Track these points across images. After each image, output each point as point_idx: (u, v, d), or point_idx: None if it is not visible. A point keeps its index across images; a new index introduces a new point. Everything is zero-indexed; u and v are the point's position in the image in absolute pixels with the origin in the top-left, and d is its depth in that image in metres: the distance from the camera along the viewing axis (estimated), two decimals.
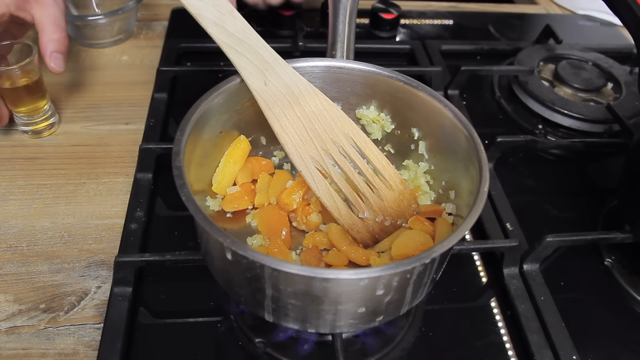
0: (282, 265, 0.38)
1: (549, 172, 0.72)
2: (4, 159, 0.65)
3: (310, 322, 0.43)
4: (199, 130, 0.49)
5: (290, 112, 0.50)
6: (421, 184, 0.55)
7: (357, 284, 0.39)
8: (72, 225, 0.59)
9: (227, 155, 0.55)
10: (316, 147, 0.51)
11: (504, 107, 0.81)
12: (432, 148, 0.55)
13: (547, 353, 0.51)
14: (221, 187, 0.54)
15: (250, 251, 0.39)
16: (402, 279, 0.41)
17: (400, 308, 0.45)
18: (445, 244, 0.40)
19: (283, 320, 0.44)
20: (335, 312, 0.42)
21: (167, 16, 0.91)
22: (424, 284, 0.44)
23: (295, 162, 0.50)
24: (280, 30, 0.88)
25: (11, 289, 0.53)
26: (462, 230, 0.41)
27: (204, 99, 0.49)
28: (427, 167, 0.56)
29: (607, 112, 0.75)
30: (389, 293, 0.41)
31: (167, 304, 0.53)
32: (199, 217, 0.40)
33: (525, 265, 0.57)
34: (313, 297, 0.40)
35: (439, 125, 0.52)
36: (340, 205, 0.51)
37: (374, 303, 0.42)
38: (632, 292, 0.58)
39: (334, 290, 0.40)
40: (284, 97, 0.50)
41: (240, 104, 0.53)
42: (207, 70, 0.76)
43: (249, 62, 0.50)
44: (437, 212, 0.53)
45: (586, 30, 1.00)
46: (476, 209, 0.43)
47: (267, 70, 0.50)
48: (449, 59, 0.86)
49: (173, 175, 0.42)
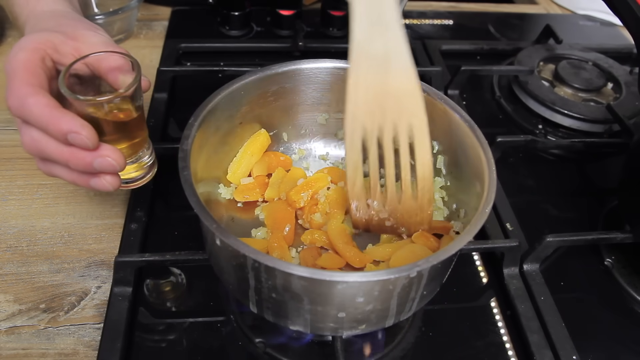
0: (262, 258, 0.38)
1: (549, 172, 0.72)
2: (4, 159, 0.65)
3: (291, 319, 0.44)
4: (215, 118, 0.50)
5: (373, 77, 0.46)
6: (435, 199, 0.54)
7: (334, 287, 0.39)
8: (72, 225, 0.59)
9: (246, 147, 0.56)
10: (373, 120, 0.48)
11: (504, 107, 0.81)
12: (450, 163, 0.54)
13: (547, 353, 0.51)
14: (236, 176, 0.55)
15: (233, 240, 0.39)
16: (384, 289, 0.40)
17: (385, 320, 0.44)
18: (431, 260, 0.39)
19: (266, 314, 0.45)
20: (315, 313, 0.42)
21: (167, 16, 0.91)
22: (412, 298, 0.43)
23: (346, 122, 0.48)
24: (280, 30, 0.88)
25: (11, 289, 0.53)
26: (451, 248, 0.40)
27: (224, 89, 0.50)
28: (442, 182, 0.55)
29: (607, 112, 0.75)
30: (370, 302, 0.41)
31: (167, 304, 0.53)
32: (193, 200, 0.41)
33: (525, 265, 0.57)
34: (292, 293, 0.40)
35: (457, 139, 0.52)
36: (358, 181, 0.50)
37: (354, 310, 0.41)
38: (632, 292, 0.58)
39: (312, 290, 0.40)
40: (376, 60, 0.46)
41: (263, 97, 0.54)
42: (207, 70, 0.76)
43: (365, 9, 0.45)
44: (446, 229, 0.52)
45: (586, 30, 1.00)
46: (471, 228, 0.42)
47: (379, 25, 0.45)
48: (449, 59, 0.86)
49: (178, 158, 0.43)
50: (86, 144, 0.43)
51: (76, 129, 0.42)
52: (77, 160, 0.44)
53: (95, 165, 0.44)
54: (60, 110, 0.43)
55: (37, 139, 0.44)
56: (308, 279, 0.38)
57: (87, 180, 0.46)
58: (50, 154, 0.45)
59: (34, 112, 0.43)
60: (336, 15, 0.88)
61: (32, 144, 0.45)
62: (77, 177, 0.47)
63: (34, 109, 0.43)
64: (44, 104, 0.43)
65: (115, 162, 0.45)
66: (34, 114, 0.43)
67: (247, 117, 0.54)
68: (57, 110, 0.43)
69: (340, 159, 0.61)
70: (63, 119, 0.42)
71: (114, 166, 0.45)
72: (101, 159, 0.44)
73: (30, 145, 0.45)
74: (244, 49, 0.84)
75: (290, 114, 0.58)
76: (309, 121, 0.60)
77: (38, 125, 0.43)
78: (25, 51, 0.45)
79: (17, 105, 0.43)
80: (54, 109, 0.43)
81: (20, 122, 0.45)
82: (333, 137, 0.61)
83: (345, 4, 0.90)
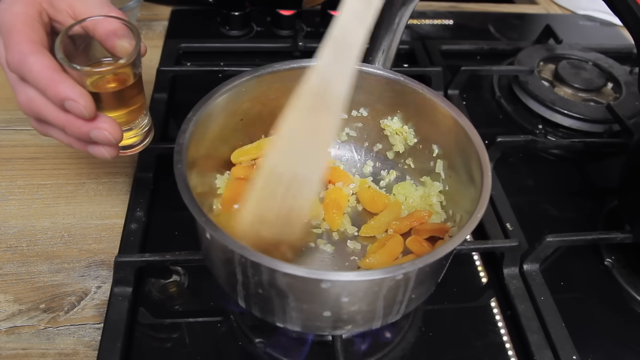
0: (248, 253, 0.38)
1: (549, 172, 0.72)
2: (4, 159, 0.65)
3: (277, 316, 0.44)
4: (215, 114, 0.50)
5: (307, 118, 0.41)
6: (433, 203, 0.54)
7: (318, 285, 0.39)
8: (72, 225, 0.59)
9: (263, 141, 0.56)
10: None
11: (504, 107, 0.81)
12: (449, 167, 0.54)
13: (547, 353, 0.51)
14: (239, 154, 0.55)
15: (221, 234, 0.39)
16: (369, 291, 0.40)
17: (372, 321, 0.44)
18: (417, 262, 0.39)
19: (254, 309, 0.45)
20: (301, 311, 0.42)
21: (167, 16, 0.91)
22: (399, 301, 0.43)
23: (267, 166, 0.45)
24: (280, 30, 0.88)
25: (11, 289, 0.53)
26: (438, 252, 0.40)
27: (225, 85, 0.50)
28: (441, 187, 0.55)
29: (607, 112, 0.75)
30: (355, 302, 0.41)
31: (167, 304, 0.53)
32: (185, 194, 0.41)
33: (525, 265, 0.57)
34: (278, 290, 0.40)
35: (456, 143, 0.52)
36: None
37: (339, 310, 0.41)
38: (632, 292, 0.58)
39: (297, 287, 0.40)
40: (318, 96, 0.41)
41: (265, 95, 0.54)
42: (207, 70, 0.76)
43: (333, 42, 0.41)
44: (442, 231, 0.52)
45: (586, 30, 1.00)
46: (461, 233, 0.41)
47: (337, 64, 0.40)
48: (449, 59, 0.86)
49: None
50: (83, 114, 0.42)
51: (74, 97, 0.41)
52: (74, 128, 0.43)
53: (91, 136, 0.43)
54: (61, 74, 0.41)
55: (34, 99, 0.43)
56: (292, 276, 0.38)
57: (85, 146, 0.45)
58: (47, 116, 0.43)
59: (33, 71, 0.41)
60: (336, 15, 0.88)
61: (28, 103, 0.43)
62: (74, 141, 0.45)
63: (34, 68, 0.41)
64: (45, 65, 0.41)
65: (112, 136, 0.43)
66: (34, 74, 0.41)
67: (248, 113, 0.54)
68: (57, 73, 0.41)
69: (341, 159, 0.61)
70: (62, 84, 0.41)
71: (110, 139, 0.44)
72: (98, 131, 0.43)
73: (26, 105, 0.43)
74: (244, 49, 0.84)
75: None
76: None
77: (36, 86, 0.42)
78: (20, 4, 0.43)
79: (16, 62, 0.41)
80: (54, 72, 0.41)
81: (15, 78, 0.43)
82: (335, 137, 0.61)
83: None
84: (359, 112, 0.58)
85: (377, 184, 0.59)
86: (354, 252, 0.53)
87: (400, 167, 0.59)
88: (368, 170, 0.60)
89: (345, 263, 0.52)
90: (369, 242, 0.54)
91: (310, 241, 0.53)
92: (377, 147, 0.60)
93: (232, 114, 0.53)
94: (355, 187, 0.58)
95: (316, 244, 0.53)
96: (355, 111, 0.58)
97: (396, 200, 0.56)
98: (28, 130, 0.68)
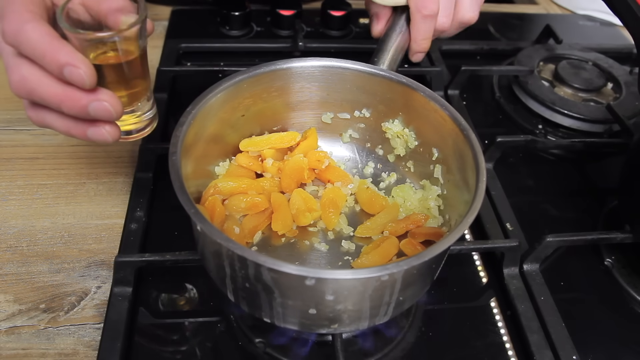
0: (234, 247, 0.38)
1: (549, 172, 0.72)
2: (4, 159, 0.65)
3: (264, 311, 0.44)
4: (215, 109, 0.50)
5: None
6: (431, 206, 0.54)
7: (302, 282, 0.39)
8: (72, 225, 0.59)
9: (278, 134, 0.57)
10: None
11: (504, 107, 0.81)
12: (448, 171, 0.54)
13: (547, 353, 0.51)
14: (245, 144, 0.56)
15: (209, 226, 0.39)
16: (353, 290, 0.40)
17: (359, 321, 0.44)
18: (401, 264, 0.39)
19: (241, 303, 0.45)
20: (286, 307, 0.42)
21: (167, 16, 0.91)
22: (386, 302, 0.43)
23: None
24: (280, 30, 0.88)
25: (11, 289, 0.53)
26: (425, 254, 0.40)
27: (225, 81, 0.50)
28: (439, 191, 0.55)
29: (607, 112, 0.75)
30: (340, 301, 0.41)
31: (167, 304, 0.53)
32: (177, 185, 0.42)
33: (525, 265, 0.57)
34: (264, 285, 0.40)
35: (454, 147, 0.51)
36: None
37: (325, 308, 0.41)
38: (632, 292, 0.59)
39: (282, 283, 0.40)
40: None
41: (267, 92, 0.54)
42: (207, 70, 0.76)
43: None
44: (437, 236, 0.52)
45: (586, 30, 1.00)
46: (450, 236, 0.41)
47: None
48: (449, 59, 0.86)
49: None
50: (83, 80, 0.39)
51: (74, 62, 0.39)
52: (72, 102, 0.40)
53: (90, 110, 0.41)
54: (60, 40, 0.39)
55: (28, 77, 0.40)
56: (277, 272, 0.38)
57: (84, 129, 0.43)
58: (42, 93, 0.40)
59: (31, 38, 0.39)
60: (336, 15, 0.88)
61: (21, 82, 0.40)
62: (72, 125, 0.42)
63: (32, 35, 0.39)
64: (43, 32, 0.39)
65: (112, 108, 0.41)
66: (31, 41, 0.39)
67: (250, 110, 0.54)
68: (57, 40, 0.39)
69: (343, 159, 0.61)
70: (62, 49, 0.39)
71: (110, 112, 0.41)
72: (97, 103, 0.40)
73: (19, 85, 0.41)
74: (244, 49, 0.84)
75: (295, 111, 0.58)
76: (314, 119, 0.60)
77: (33, 55, 0.39)
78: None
79: (13, 30, 0.39)
80: (53, 39, 0.39)
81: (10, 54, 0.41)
82: (337, 137, 0.61)
83: (346, 4, 0.91)
84: (361, 112, 0.58)
85: (377, 186, 0.59)
86: (348, 252, 0.53)
87: (400, 170, 0.59)
88: (369, 171, 0.60)
89: (339, 263, 0.52)
90: (365, 243, 0.54)
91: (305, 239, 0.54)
92: (379, 149, 0.60)
93: (233, 110, 0.53)
94: (354, 188, 0.58)
95: (311, 242, 0.53)
96: (358, 111, 0.58)
97: (394, 203, 0.56)
98: (28, 130, 0.69)
